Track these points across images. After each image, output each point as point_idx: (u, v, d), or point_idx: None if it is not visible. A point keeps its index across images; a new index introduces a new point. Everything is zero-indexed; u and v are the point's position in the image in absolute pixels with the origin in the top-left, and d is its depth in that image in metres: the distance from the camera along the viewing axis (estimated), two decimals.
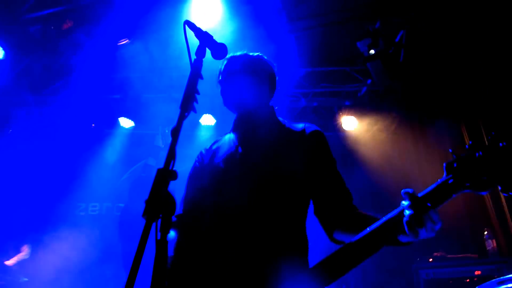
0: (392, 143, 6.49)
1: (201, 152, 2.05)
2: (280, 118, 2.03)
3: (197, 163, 2.01)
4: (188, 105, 1.35)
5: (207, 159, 1.97)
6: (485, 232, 5.07)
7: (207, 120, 6.84)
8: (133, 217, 5.93)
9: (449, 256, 4.98)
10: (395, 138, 6.54)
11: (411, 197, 1.31)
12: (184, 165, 2.02)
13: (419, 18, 5.33)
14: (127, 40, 4.92)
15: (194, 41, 1.54)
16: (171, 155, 1.19)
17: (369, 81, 6.37)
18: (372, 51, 5.46)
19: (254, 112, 1.94)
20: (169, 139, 1.24)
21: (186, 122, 1.35)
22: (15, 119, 6.63)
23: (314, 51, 6.03)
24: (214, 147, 2.03)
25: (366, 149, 6.67)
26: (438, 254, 4.98)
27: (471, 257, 4.94)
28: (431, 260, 4.95)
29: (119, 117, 6.88)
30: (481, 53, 5.41)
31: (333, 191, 1.77)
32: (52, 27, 5.34)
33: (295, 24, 5.34)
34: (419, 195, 1.33)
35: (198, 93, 1.40)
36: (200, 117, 6.79)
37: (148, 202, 1.10)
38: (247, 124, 1.95)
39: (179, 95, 1.33)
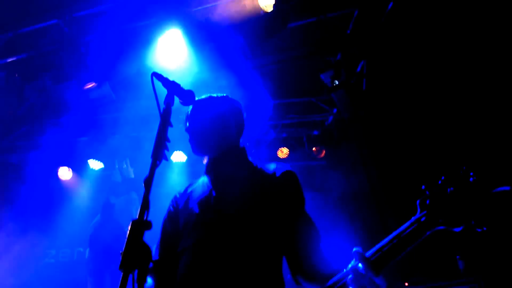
0: (360, 171, 6.63)
1: (175, 196, 2.03)
2: (251, 158, 2.03)
3: (171, 208, 1.99)
4: (160, 153, 1.38)
5: (182, 203, 1.95)
6: (458, 254, 5.20)
7: (178, 157, 6.83)
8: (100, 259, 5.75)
9: (424, 279, 5.06)
10: (363, 165, 6.70)
11: (360, 257, 1.35)
12: (158, 203, 2.02)
13: (377, 47, 5.60)
14: (94, 84, 4.92)
15: (162, 91, 1.60)
16: (145, 206, 1.21)
17: (334, 110, 6.57)
18: (335, 82, 5.68)
19: (223, 155, 1.95)
20: (142, 190, 1.25)
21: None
22: None
23: (280, 84, 6.20)
24: (188, 190, 2.01)
25: (336, 175, 6.79)
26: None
27: (445, 279, 5.03)
28: (406, 284, 5.02)
29: (88, 159, 6.78)
30: (438, 77, 5.68)
31: (301, 237, 1.76)
32: (16, 74, 5.29)
33: (259, 60, 5.50)
34: (372, 250, 1.37)
35: (169, 141, 1.44)
36: (171, 154, 6.78)
37: (124, 255, 1.10)
38: (218, 168, 1.94)
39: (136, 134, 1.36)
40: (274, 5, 4.60)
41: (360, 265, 1.34)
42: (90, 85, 4.93)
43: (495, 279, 4.80)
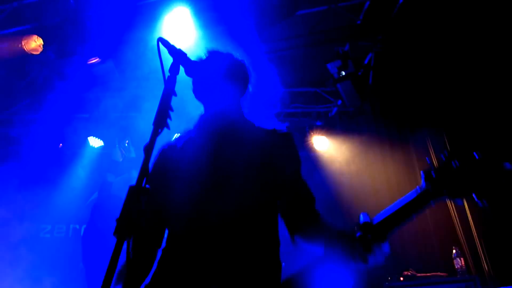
0: (362, 162, 6.60)
1: (162, 149, 1.92)
2: (248, 117, 2.01)
3: (158, 161, 1.89)
4: (162, 121, 1.33)
5: (171, 156, 1.86)
6: (454, 251, 5.18)
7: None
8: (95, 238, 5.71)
9: (419, 275, 5.05)
10: (364, 157, 6.66)
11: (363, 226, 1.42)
12: None
13: (386, 41, 5.52)
14: (98, 59, 4.85)
15: (168, 58, 1.54)
16: (144, 172, 1.16)
17: (339, 102, 6.51)
18: (342, 73, 5.61)
19: (225, 110, 1.90)
20: (142, 156, 1.21)
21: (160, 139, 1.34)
22: None
23: (285, 73, 6.13)
24: (178, 144, 1.91)
25: (337, 168, 6.75)
26: (409, 273, 5.04)
27: (440, 276, 5.02)
28: (401, 279, 5.00)
29: (88, 136, 6.73)
30: (447, 73, 5.61)
31: (296, 195, 1.80)
32: (19, 45, 5.21)
33: (267, 45, 5.43)
34: (378, 216, 1.43)
35: (172, 110, 1.39)
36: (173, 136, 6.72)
37: (120, 220, 1.06)
38: (217, 123, 1.88)
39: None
40: None
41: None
42: (93, 60, 4.86)
43: (490, 277, 4.80)
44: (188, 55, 1.58)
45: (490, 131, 4.42)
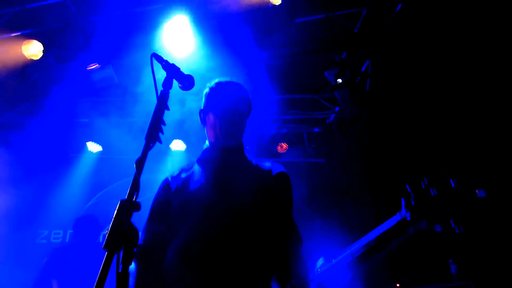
0: (358, 168, 6.61)
1: (167, 179, 1.97)
2: (247, 154, 2.00)
3: (162, 191, 1.93)
4: (153, 136, 1.36)
5: (175, 187, 1.89)
6: (450, 260, 5.20)
7: (178, 145, 6.81)
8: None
9: (415, 281, 5.06)
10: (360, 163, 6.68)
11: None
12: (152, 191, 1.98)
13: (383, 48, 5.57)
14: (97, 65, 4.89)
15: (162, 73, 1.57)
16: (135, 187, 1.19)
17: (337, 108, 6.55)
18: (339, 80, 5.65)
19: (232, 148, 1.91)
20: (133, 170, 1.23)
21: (156, 147, 1.37)
22: None
23: (283, 79, 6.17)
24: (183, 175, 1.94)
25: (335, 174, 6.77)
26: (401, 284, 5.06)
27: (436, 282, 5.03)
28: (398, 285, 5.02)
29: (87, 141, 6.77)
30: (444, 78, 5.64)
31: (284, 238, 1.77)
32: (19, 50, 5.25)
33: (264, 53, 5.47)
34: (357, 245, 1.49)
35: (164, 124, 1.41)
36: (170, 142, 6.76)
37: (110, 233, 1.09)
38: (220, 159, 1.89)
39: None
40: None
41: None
42: (93, 66, 4.90)
43: (486, 284, 4.82)
44: (181, 70, 1.60)
45: (471, 151, 4.47)
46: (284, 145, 7.01)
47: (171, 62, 1.59)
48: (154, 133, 1.36)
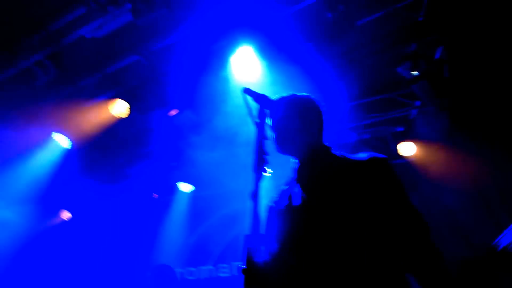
0: (457, 163, 6.18)
1: (277, 193, 1.94)
2: (337, 153, 1.90)
3: (273, 204, 1.91)
4: (261, 167, 1.40)
5: (278, 203, 1.87)
6: None
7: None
8: None
9: None
10: (459, 157, 6.23)
11: None
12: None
13: (455, 30, 5.26)
14: (177, 111, 5.18)
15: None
16: (257, 220, 1.21)
17: (417, 102, 6.25)
18: (414, 73, 5.41)
19: (310, 159, 1.87)
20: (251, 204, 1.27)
21: None
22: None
23: (355, 85, 6.04)
24: (284, 189, 1.92)
25: (431, 173, 6.39)
26: None
27: None
28: None
29: (177, 182, 7.12)
30: None
31: (403, 226, 1.59)
32: (107, 111, 5.74)
33: (331, 62, 5.42)
34: None
35: (267, 154, 1.45)
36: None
37: (246, 273, 1.10)
38: (304, 169, 1.85)
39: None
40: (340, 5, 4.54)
41: None
42: (173, 112, 5.19)
43: None
44: (269, 98, 1.64)
45: None
46: None
47: (260, 92, 1.63)
48: (260, 164, 1.40)
